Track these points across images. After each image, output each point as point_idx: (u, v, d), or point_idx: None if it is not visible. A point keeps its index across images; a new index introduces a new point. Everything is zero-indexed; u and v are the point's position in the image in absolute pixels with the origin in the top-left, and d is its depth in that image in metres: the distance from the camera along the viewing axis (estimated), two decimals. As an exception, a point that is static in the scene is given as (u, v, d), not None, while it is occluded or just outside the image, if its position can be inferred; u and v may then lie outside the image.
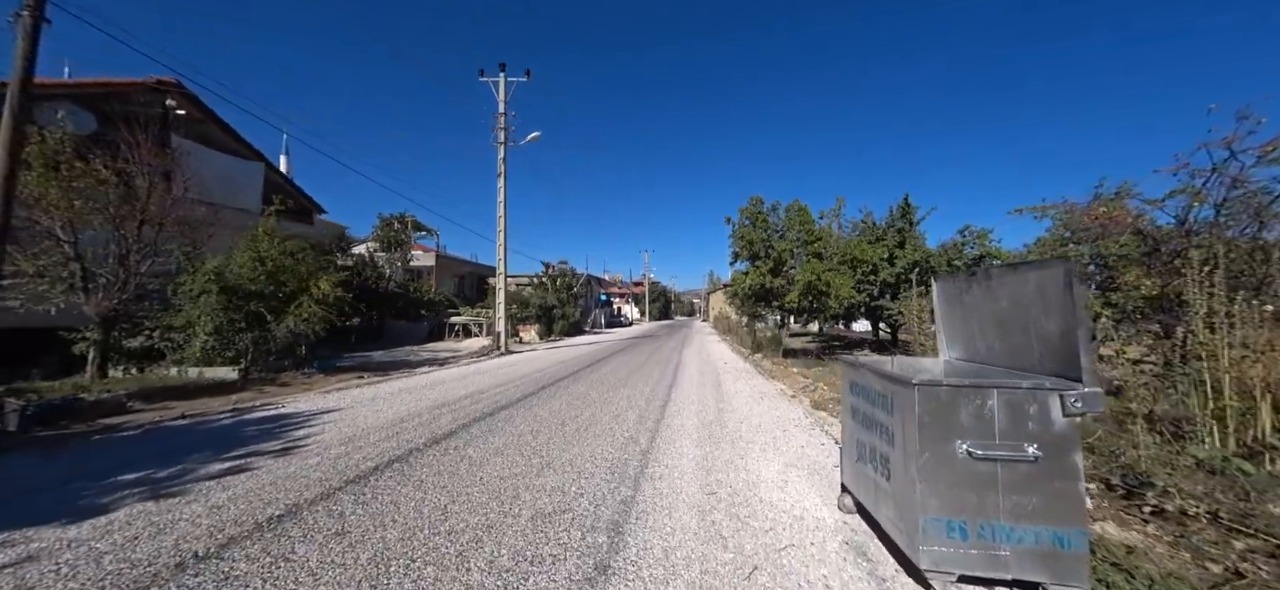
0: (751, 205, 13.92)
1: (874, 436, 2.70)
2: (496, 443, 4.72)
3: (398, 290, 19.53)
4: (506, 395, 7.46)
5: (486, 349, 15.05)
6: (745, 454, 4.61)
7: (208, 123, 10.82)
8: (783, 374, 11.01)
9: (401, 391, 7.59)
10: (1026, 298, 2.40)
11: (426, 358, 13.39)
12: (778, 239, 13.37)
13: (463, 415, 5.95)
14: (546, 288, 26.65)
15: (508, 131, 14.77)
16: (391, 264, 21.10)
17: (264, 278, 7.88)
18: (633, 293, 71.87)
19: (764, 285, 13.54)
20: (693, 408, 6.79)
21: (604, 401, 7.10)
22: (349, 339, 18.07)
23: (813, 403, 7.23)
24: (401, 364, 11.75)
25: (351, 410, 6.08)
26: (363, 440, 4.67)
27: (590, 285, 42.55)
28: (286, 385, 7.87)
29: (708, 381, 9.53)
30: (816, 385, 8.78)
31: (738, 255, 14.44)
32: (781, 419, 6.23)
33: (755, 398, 7.76)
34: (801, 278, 12.77)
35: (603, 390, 8.13)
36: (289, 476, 3.51)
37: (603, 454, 4.45)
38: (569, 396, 7.48)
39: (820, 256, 13.37)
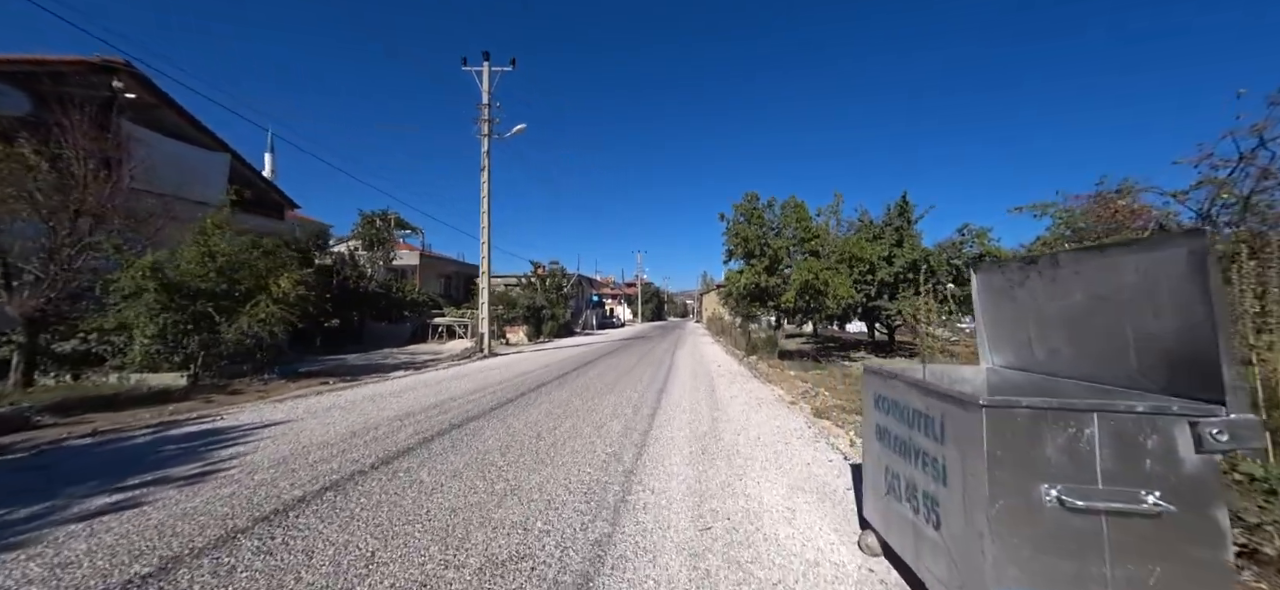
0: (746, 201, 13.38)
1: (912, 467, 2.12)
2: (457, 463, 4.09)
3: (379, 290, 18.74)
4: (480, 403, 6.82)
5: (469, 351, 14.36)
6: (743, 473, 4.02)
7: (163, 108, 10.05)
8: (779, 378, 10.46)
9: (366, 399, 6.92)
10: (1119, 289, 1.83)
11: (404, 361, 12.67)
12: (773, 237, 12.84)
13: (426, 428, 5.31)
14: (535, 288, 25.93)
15: (492, 124, 14.11)
16: (373, 263, 20.29)
17: (214, 274, 7.16)
18: (625, 293, 71.23)
19: (759, 284, 13.00)
20: (684, 416, 6.20)
21: (587, 410, 6.48)
22: (326, 341, 17.28)
23: (814, 410, 6.67)
24: (376, 368, 11.03)
25: (301, 423, 5.41)
26: (300, 460, 4.01)
27: (581, 286, 41.86)
28: (239, 393, 7.15)
29: (701, 386, 8.94)
30: (817, 391, 8.22)
31: (732, 253, 13.90)
32: (782, 429, 5.65)
33: (752, 405, 7.19)
34: (798, 277, 12.25)
35: (587, 397, 7.51)
36: (186, 514, 2.85)
37: (579, 476, 3.83)
38: (549, 404, 6.85)
39: (817, 255, 12.87)
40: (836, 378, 10.92)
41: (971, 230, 14.98)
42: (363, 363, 12.13)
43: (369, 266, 20.17)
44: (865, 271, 14.87)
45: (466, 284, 28.20)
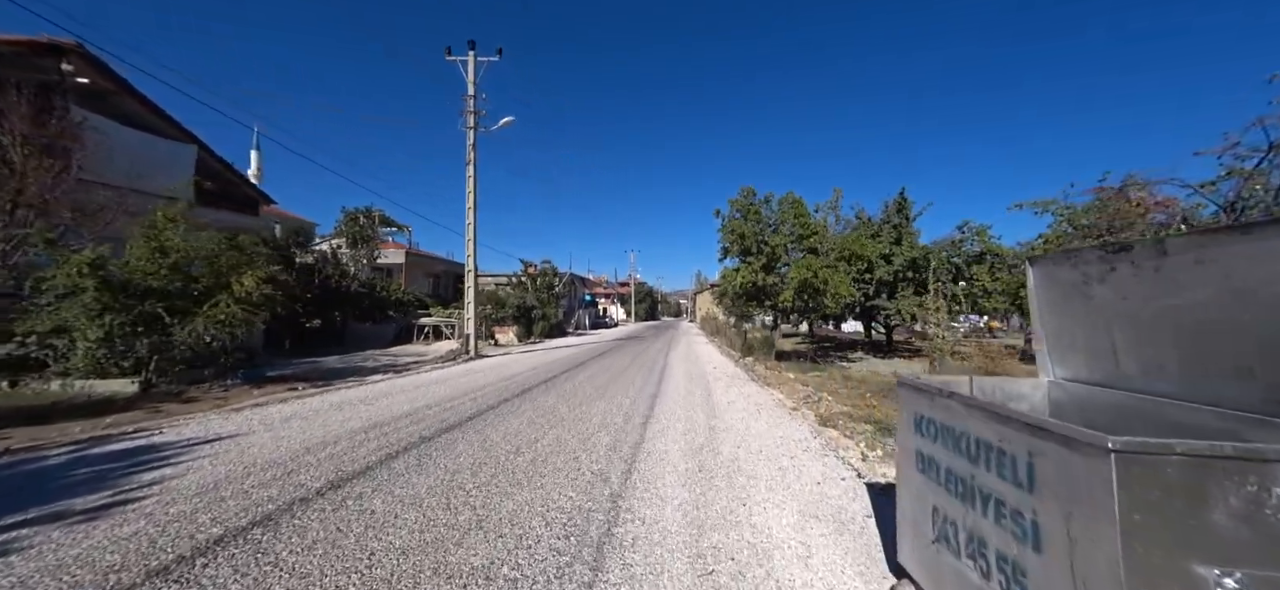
0: (742, 197, 12.92)
1: (976, 515, 1.63)
2: (419, 486, 3.56)
3: (362, 290, 18.04)
4: (458, 411, 6.27)
5: (455, 353, 13.77)
6: (747, 496, 3.53)
7: (121, 95, 9.36)
8: (778, 380, 10.01)
9: (332, 408, 6.35)
10: (1273, 282, 1.35)
11: (385, 363, 12.07)
12: (771, 234, 12.39)
13: (393, 441, 4.76)
14: (525, 287, 25.32)
15: (477, 115, 13.52)
16: (357, 262, 19.59)
17: (166, 272, 6.55)
18: (618, 293, 70.68)
19: (756, 283, 12.55)
20: (679, 426, 5.71)
21: (575, 419, 5.97)
22: (306, 342, 16.58)
23: (819, 418, 6.20)
24: (353, 371, 10.43)
25: (251, 437, 4.84)
26: (233, 486, 3.46)
27: (574, 285, 41.27)
28: (194, 402, 6.55)
29: (696, 390, 8.46)
30: (820, 396, 7.77)
31: (727, 251, 13.44)
32: (785, 439, 5.18)
33: (751, 411, 6.71)
34: (796, 275, 11.81)
35: (575, 403, 6.99)
36: (57, 567, 2.30)
37: (559, 502, 3.33)
38: (533, 412, 6.32)
39: (815, 253, 12.45)
40: (837, 380, 10.49)
41: (972, 227, 14.65)
42: (340, 365, 11.50)
43: (352, 265, 19.47)
44: (863, 270, 14.49)
45: (456, 283, 27.51)
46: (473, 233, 14.04)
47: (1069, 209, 15.21)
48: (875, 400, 7.33)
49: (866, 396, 7.94)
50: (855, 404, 7.17)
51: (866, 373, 12.37)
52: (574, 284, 41.17)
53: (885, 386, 8.54)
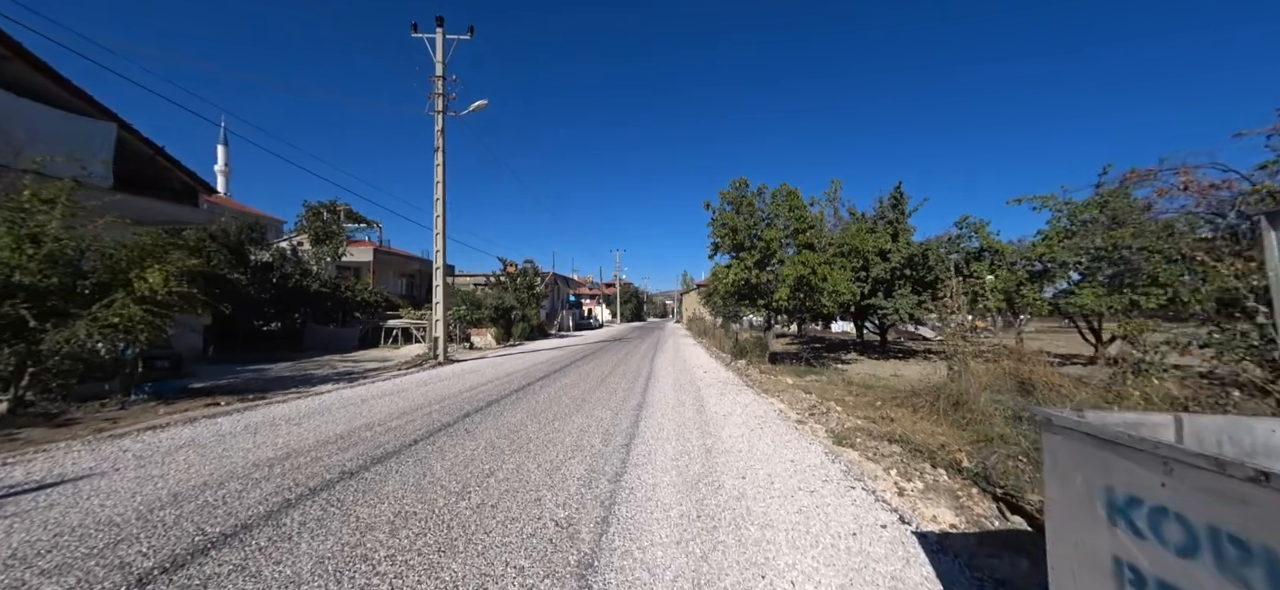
0: (734, 189, 12.04)
1: None
2: (303, 560, 2.51)
3: (324, 290, 16.67)
4: (404, 432, 5.20)
5: (422, 358, 12.58)
6: (766, 561, 2.58)
7: (15, 61, 8.01)
8: (775, 386, 9.13)
9: (246, 431, 5.21)
10: None
11: (342, 371, 10.84)
12: (765, 227, 11.53)
13: (302, 480, 3.69)
14: (504, 287, 24.09)
15: (446, 98, 12.37)
16: (320, 259, 18.18)
17: (39, 265, 5.32)
18: (604, 293, 69.53)
19: (748, 281, 11.68)
20: (669, 448, 4.74)
21: (544, 440, 4.95)
22: (259, 346, 15.16)
23: (832, 435, 5.30)
24: (301, 380, 9.21)
25: (107, 478, 3.71)
26: (12, 572, 2.37)
27: (557, 285, 40.06)
28: (73, 423, 5.33)
29: (687, 400, 7.51)
30: (826, 405, 6.88)
31: (718, 247, 12.55)
32: (798, 466, 4.25)
33: (752, 426, 5.78)
34: (791, 272, 10.97)
35: (547, 419, 5.97)
36: None
37: (502, 580, 2.32)
38: (496, 432, 5.29)
39: (812, 248, 11.64)
40: (839, 386, 9.66)
41: (971, 222, 14.04)
42: (289, 373, 10.25)
43: (315, 263, 18.07)
44: (858, 267, 13.75)
45: (431, 283, 26.15)
46: (442, 226, 12.86)
47: (1068, 204, 14.77)
48: (890, 410, 6.47)
49: (877, 405, 7.09)
50: (869, 416, 6.30)
51: (867, 376, 11.59)
52: (557, 284, 39.97)
53: (897, 393, 7.71)
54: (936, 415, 5.89)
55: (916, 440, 4.79)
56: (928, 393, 6.56)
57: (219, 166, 63.10)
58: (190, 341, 11.83)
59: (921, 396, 6.62)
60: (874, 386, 9.54)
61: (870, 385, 9.79)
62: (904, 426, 5.62)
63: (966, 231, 14.22)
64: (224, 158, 63.97)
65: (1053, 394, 5.33)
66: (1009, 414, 4.87)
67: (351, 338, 16.51)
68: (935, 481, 3.76)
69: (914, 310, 14.02)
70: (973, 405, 5.42)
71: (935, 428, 5.59)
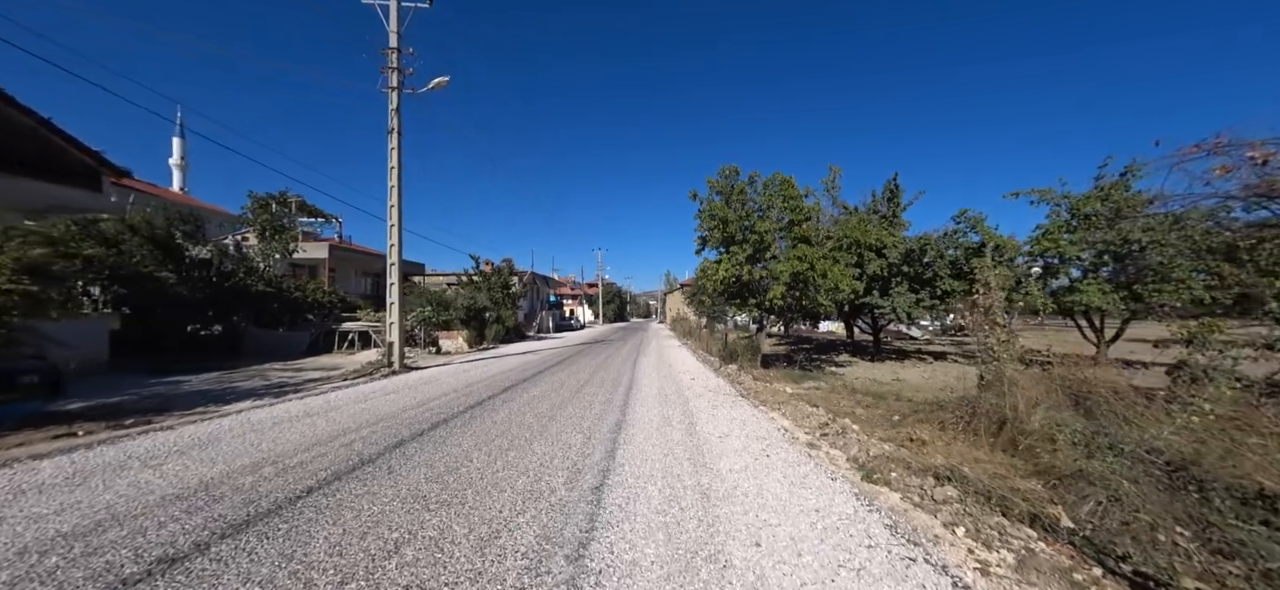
0: (723, 177, 10.98)
1: None
2: None
3: (269, 289, 14.99)
4: (305, 474, 3.93)
5: (375, 365, 11.16)
6: None
7: None
8: (772, 396, 8.08)
9: (79, 477, 3.86)
10: None
11: (274, 383, 9.36)
12: (758, 219, 10.49)
13: (93, 571, 2.42)
14: (477, 286, 22.59)
15: (401, 73, 10.99)
16: (268, 256, 16.47)
17: None
18: (586, 294, 68.08)
19: (739, 277, 10.64)
20: (654, 494, 3.59)
21: (487, 486, 3.75)
22: (191, 352, 13.45)
23: (858, 468, 4.23)
24: (218, 396, 7.76)
25: None
26: None
27: (536, 285, 38.57)
28: None
29: (673, 415, 6.38)
30: (841, 424, 5.81)
31: (706, 241, 11.47)
32: (826, 521, 3.15)
33: (756, 454, 4.68)
34: (787, 267, 9.96)
35: (499, 450, 4.76)
36: None
37: None
38: (425, 472, 4.05)
39: (808, 242, 10.66)
40: (844, 394, 8.66)
41: (970, 217, 13.30)
42: (207, 387, 8.74)
43: (261, 260, 16.35)
44: (853, 263, 12.87)
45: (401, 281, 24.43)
46: (396, 217, 11.45)
47: (1067, 197, 14.19)
48: (916, 428, 5.45)
49: (897, 421, 6.08)
50: (892, 436, 5.27)
51: (868, 381, 10.68)
52: (536, 284, 38.48)
53: (915, 406, 6.73)
54: (974, 436, 4.88)
55: (969, 474, 3.76)
56: (956, 407, 5.56)
57: (174, 160, 59.41)
58: (93, 351, 10.17)
59: (949, 411, 5.62)
60: (882, 395, 8.59)
61: (878, 393, 8.84)
62: (941, 452, 4.60)
63: (964, 226, 13.50)
64: (180, 151, 60.25)
65: (1119, 409, 4.38)
66: (1079, 440, 3.87)
67: (300, 343, 14.88)
68: (1028, 549, 2.70)
69: (912, 309, 13.23)
70: (1024, 425, 4.43)
71: (977, 452, 4.59)
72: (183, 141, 60.57)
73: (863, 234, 10.92)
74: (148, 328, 12.96)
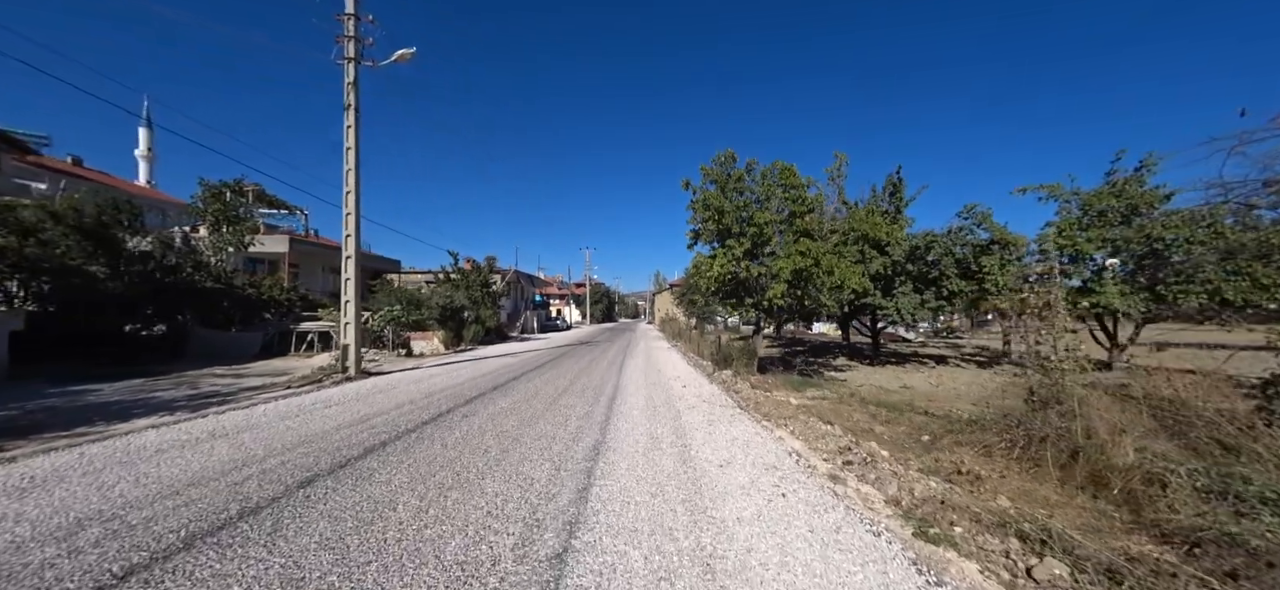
0: (718, 165, 10.00)
1: None
2: None
3: (217, 286, 13.59)
4: (163, 531, 2.82)
5: (328, 371, 9.93)
6: None
7: None
8: (776, 408, 7.11)
9: None
10: None
11: (204, 392, 8.11)
12: (757, 209, 9.52)
13: None
14: (455, 284, 21.31)
15: (358, 43, 9.78)
16: (220, 249, 15.04)
17: None
18: (573, 293, 66.77)
19: (736, 274, 9.67)
20: (636, 559, 2.55)
21: (401, 559, 2.68)
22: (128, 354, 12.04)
23: (904, 516, 3.25)
24: (116, 413, 6.52)
25: None
26: None
27: (520, 284, 37.27)
28: None
29: (664, 435, 5.34)
30: (866, 447, 4.84)
31: (699, 234, 10.48)
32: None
33: (768, 494, 3.67)
34: (788, 263, 9.02)
35: (439, 491, 3.68)
36: None
37: None
38: (322, 531, 2.97)
39: (809, 235, 9.73)
40: (855, 406, 7.73)
41: (978, 212, 12.53)
42: (120, 398, 7.48)
43: (212, 253, 14.93)
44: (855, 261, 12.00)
45: (371, 280, 23.01)
46: (353, 204, 10.22)
47: (1076, 193, 13.53)
48: (958, 453, 4.51)
49: (928, 442, 5.15)
50: (931, 465, 4.32)
51: (875, 390, 9.80)
52: (520, 282, 37.18)
53: (949, 423, 5.82)
54: (1034, 467, 3.95)
55: (1071, 536, 2.79)
56: (1001, 427, 4.64)
57: (140, 151, 56.77)
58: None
59: (993, 432, 4.70)
60: (897, 407, 7.68)
61: (891, 404, 7.94)
62: (1001, 489, 3.65)
63: (971, 223, 12.73)
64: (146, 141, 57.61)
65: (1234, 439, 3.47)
66: (1204, 485, 2.94)
67: (252, 344, 13.51)
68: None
69: (917, 310, 12.42)
70: (1110, 459, 3.50)
71: (1043, 487, 3.65)
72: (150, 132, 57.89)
73: (872, 227, 10.04)
74: (72, 328, 11.53)
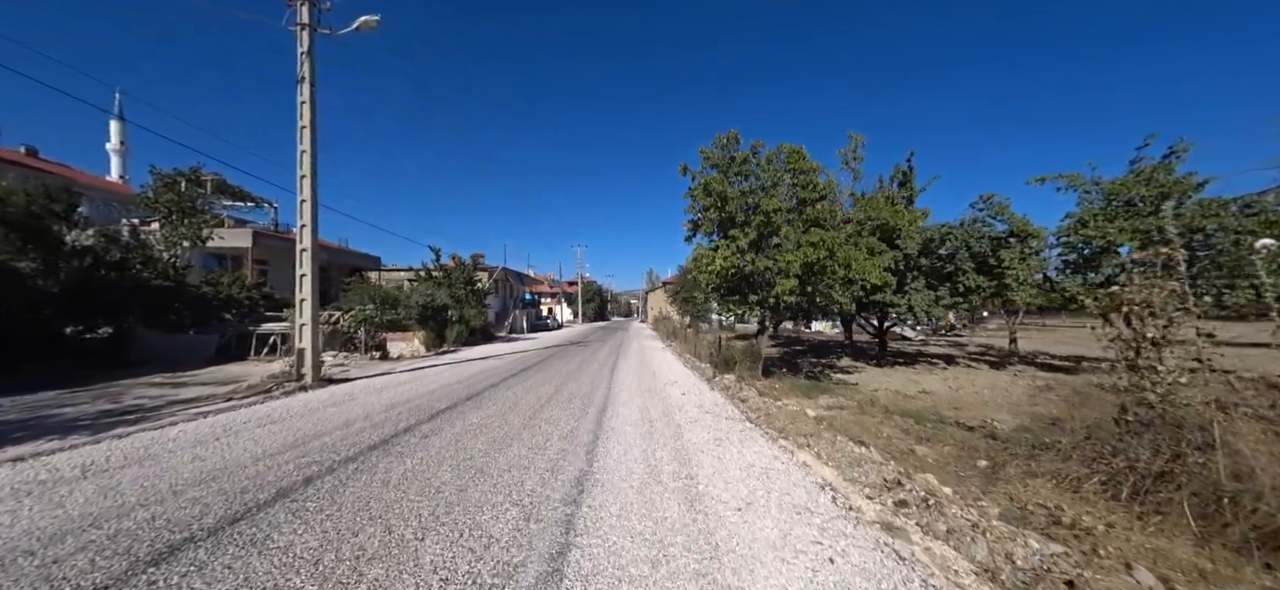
0: (720, 148, 9.01)
1: None
2: None
3: (165, 284, 12.33)
4: None
5: (281, 378, 8.79)
6: None
7: None
8: (789, 420, 6.15)
9: None
10: None
11: (121, 408, 6.96)
12: (763, 196, 8.54)
13: None
14: (437, 281, 20.12)
15: (314, 6, 8.62)
16: (173, 244, 13.75)
17: None
18: (565, 292, 65.57)
19: (739, 269, 8.69)
20: None
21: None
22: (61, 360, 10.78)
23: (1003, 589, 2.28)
24: (7, 430, 5.38)
25: None
26: None
27: (508, 282, 36.06)
28: None
29: (663, 461, 4.33)
30: (921, 481, 3.86)
31: (697, 225, 9.49)
32: None
33: (812, 561, 2.67)
34: (798, 256, 8.07)
35: (363, 561, 2.64)
36: None
37: None
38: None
39: (820, 224, 8.78)
40: (875, 414, 6.80)
41: (996, 203, 11.68)
42: (17, 415, 6.31)
43: (165, 248, 13.64)
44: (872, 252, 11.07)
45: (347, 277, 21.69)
46: (309, 189, 9.03)
47: (1097, 183, 12.75)
48: (1037, 488, 3.56)
49: (992, 470, 4.20)
50: (1010, 504, 3.36)
51: (890, 395, 8.89)
52: (508, 280, 35.98)
53: (1005, 445, 4.89)
54: (1160, 516, 3.01)
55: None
56: (1084, 454, 3.71)
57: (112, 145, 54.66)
58: None
59: (1076, 458, 3.76)
60: (928, 418, 6.76)
61: (919, 415, 7.01)
62: (1126, 548, 2.70)
63: (986, 214, 11.88)
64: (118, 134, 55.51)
65: None
66: None
67: (206, 348, 12.28)
68: None
69: (931, 307, 11.54)
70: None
71: (1177, 547, 2.71)
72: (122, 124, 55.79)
73: (893, 216, 9.07)
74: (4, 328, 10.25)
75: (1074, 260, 10.86)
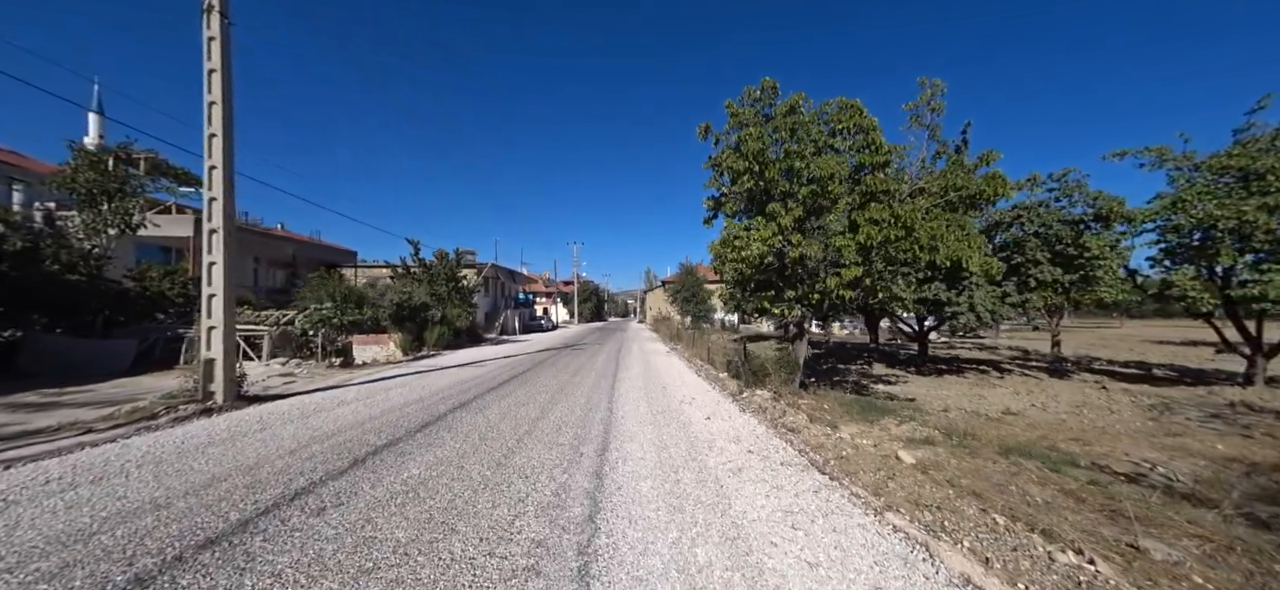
0: (752, 102, 7.05)
1: None
2: None
3: (79, 278, 10.27)
4: None
5: (176, 399, 6.78)
6: None
7: None
8: (867, 463, 4.21)
9: None
10: None
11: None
12: (814, 157, 6.56)
13: None
14: (417, 278, 18.11)
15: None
16: (96, 232, 11.69)
17: None
18: (561, 291, 63.51)
19: (780, 254, 6.76)
20: None
21: None
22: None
23: None
24: None
25: None
26: None
27: (499, 280, 34.02)
28: None
29: (709, 561, 2.41)
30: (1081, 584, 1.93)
31: (720, 203, 7.54)
32: None
33: None
34: (862, 233, 6.15)
35: None
36: None
37: None
38: None
39: (875, 198, 6.85)
40: (980, 454, 4.87)
41: (1074, 180, 9.78)
42: None
43: (85, 238, 11.59)
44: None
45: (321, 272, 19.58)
46: (221, 153, 7.02)
47: (1189, 158, 10.85)
48: None
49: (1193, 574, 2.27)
50: None
51: (964, 415, 6.98)
52: (499, 278, 33.93)
53: (1224, 528, 2.99)
54: None
55: None
56: None
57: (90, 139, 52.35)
58: None
59: None
60: (1056, 460, 4.84)
61: (1042, 455, 5.09)
62: None
63: (1062, 193, 9.98)
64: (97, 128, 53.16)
65: None
66: None
67: (123, 355, 10.22)
68: None
69: (996, 306, 9.64)
70: None
71: None
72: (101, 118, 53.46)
73: (988, 185, 7.03)
74: None
75: (1179, 249, 8.98)
